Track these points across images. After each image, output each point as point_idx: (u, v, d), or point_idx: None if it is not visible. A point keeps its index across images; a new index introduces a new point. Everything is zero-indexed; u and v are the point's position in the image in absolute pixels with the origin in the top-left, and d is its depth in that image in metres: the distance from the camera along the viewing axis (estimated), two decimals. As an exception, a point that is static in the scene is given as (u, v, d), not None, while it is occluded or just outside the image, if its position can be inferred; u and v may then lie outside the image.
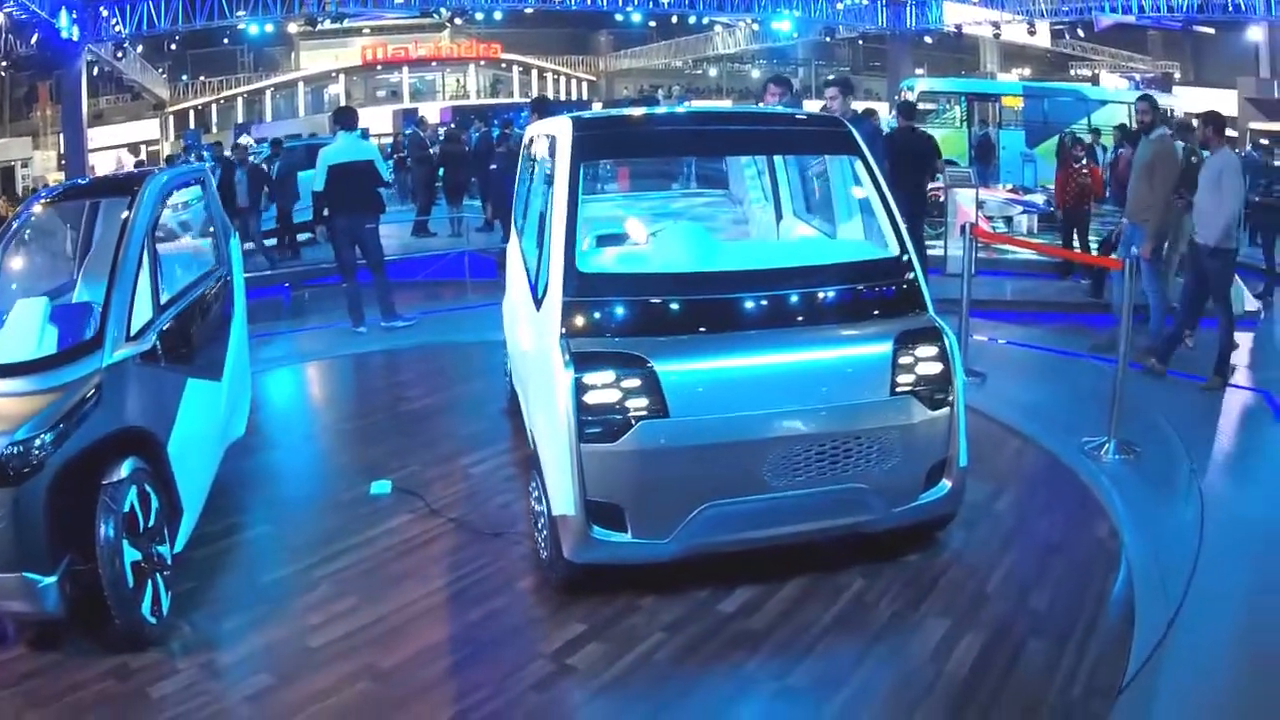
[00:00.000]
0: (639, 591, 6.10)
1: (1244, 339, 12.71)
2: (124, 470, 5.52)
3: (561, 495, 5.77)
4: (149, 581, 5.64)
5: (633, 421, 5.71)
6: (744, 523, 5.96)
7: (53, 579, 5.24)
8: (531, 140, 8.85)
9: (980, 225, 15.08)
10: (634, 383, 5.74)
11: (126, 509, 5.46)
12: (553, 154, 6.87)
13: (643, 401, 5.74)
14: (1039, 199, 22.70)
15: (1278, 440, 9.34)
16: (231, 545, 7.02)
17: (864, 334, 6.24)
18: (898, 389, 6.13)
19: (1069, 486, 7.91)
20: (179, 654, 5.60)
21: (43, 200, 7.75)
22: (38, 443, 5.23)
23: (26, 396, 5.44)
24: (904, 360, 6.16)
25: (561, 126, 6.91)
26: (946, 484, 6.35)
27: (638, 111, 8.53)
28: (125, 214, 6.65)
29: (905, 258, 6.56)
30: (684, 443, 5.76)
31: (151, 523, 5.75)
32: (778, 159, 8.89)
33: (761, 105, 11.12)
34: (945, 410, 6.25)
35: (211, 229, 8.77)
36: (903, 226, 6.69)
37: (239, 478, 8.14)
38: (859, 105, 17.54)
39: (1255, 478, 8.34)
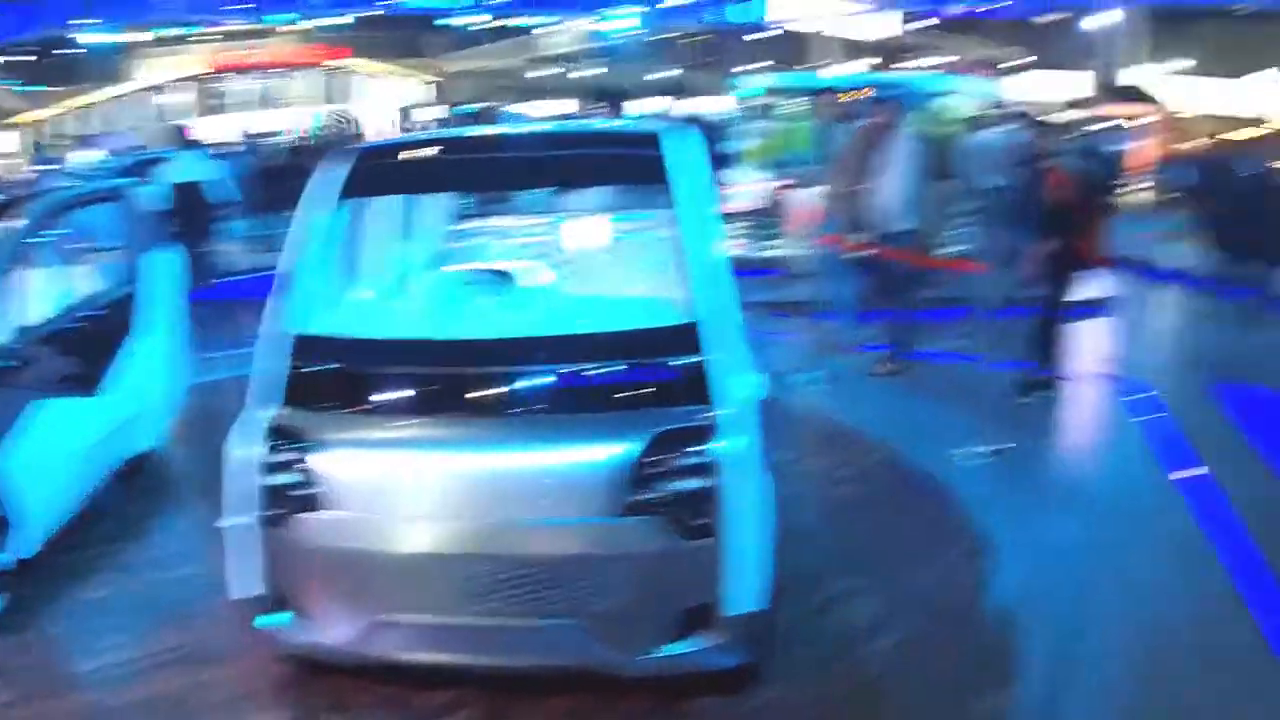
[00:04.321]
0: (373, 686, 5.56)
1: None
2: None
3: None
4: None
5: (291, 511, 5.11)
6: (422, 643, 5.18)
7: None
8: None
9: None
10: (299, 469, 5.10)
11: None
12: None
13: (304, 491, 5.09)
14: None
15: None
16: (91, 556, 7.41)
17: (598, 432, 5.03)
18: (631, 508, 4.89)
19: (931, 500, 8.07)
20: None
21: None
22: None
23: None
24: (648, 471, 4.89)
25: None
26: (708, 637, 5.02)
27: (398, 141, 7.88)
28: None
29: (695, 328, 5.20)
30: (340, 544, 5.08)
31: None
32: None
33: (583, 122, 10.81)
34: (707, 541, 4.91)
35: (123, 246, 9.11)
36: (716, 282, 5.47)
37: (139, 493, 8.70)
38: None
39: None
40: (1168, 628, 6.28)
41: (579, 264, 8.23)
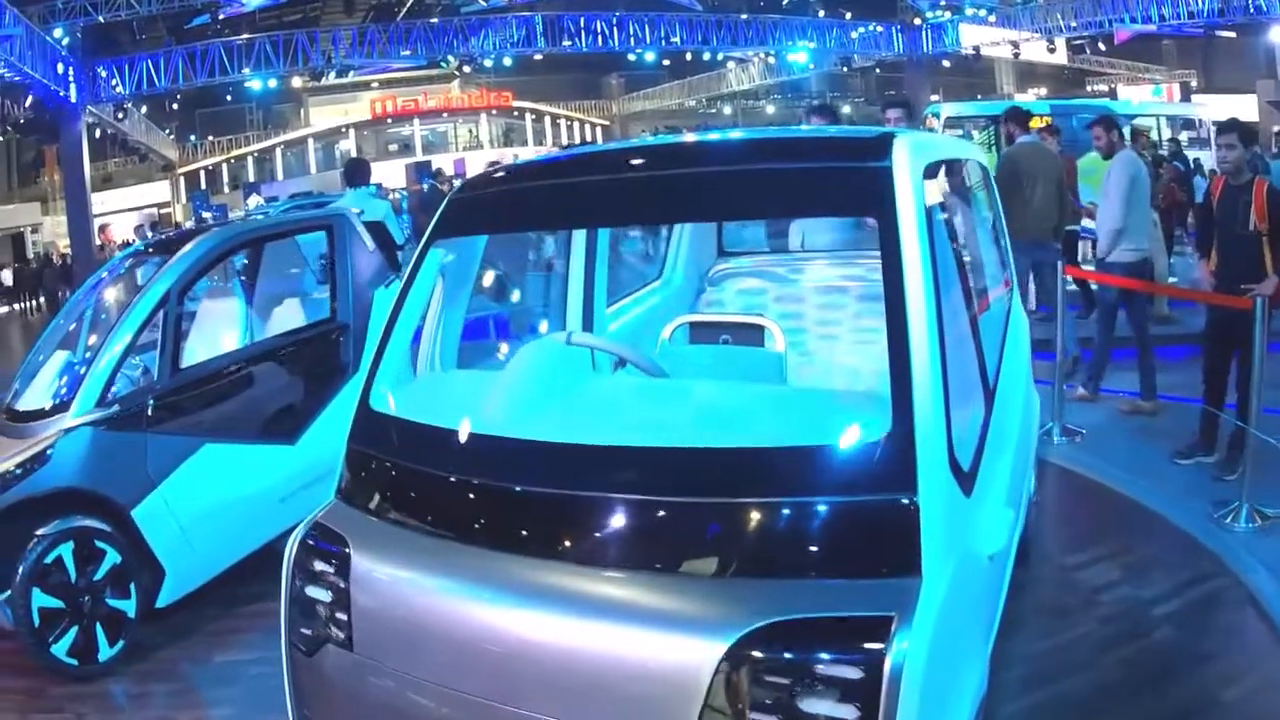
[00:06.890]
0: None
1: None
2: (51, 526, 6.09)
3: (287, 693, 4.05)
4: (74, 627, 6.14)
5: (321, 640, 3.79)
6: None
7: (4, 595, 5.95)
8: None
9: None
10: (336, 587, 3.75)
11: (49, 561, 6.03)
12: None
13: (337, 617, 3.73)
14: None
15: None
16: (237, 614, 7.04)
17: (682, 611, 3.14)
18: None
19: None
20: (74, 696, 6.04)
21: (136, 252, 8.31)
22: None
23: (8, 442, 6.35)
24: (744, 680, 2.93)
25: None
26: None
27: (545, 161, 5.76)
28: (150, 277, 7.05)
29: (900, 447, 3.14)
30: (364, 694, 3.65)
31: (98, 577, 6.23)
32: None
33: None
34: None
35: (335, 279, 8.10)
36: (928, 372, 3.22)
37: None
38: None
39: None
40: None
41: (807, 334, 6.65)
